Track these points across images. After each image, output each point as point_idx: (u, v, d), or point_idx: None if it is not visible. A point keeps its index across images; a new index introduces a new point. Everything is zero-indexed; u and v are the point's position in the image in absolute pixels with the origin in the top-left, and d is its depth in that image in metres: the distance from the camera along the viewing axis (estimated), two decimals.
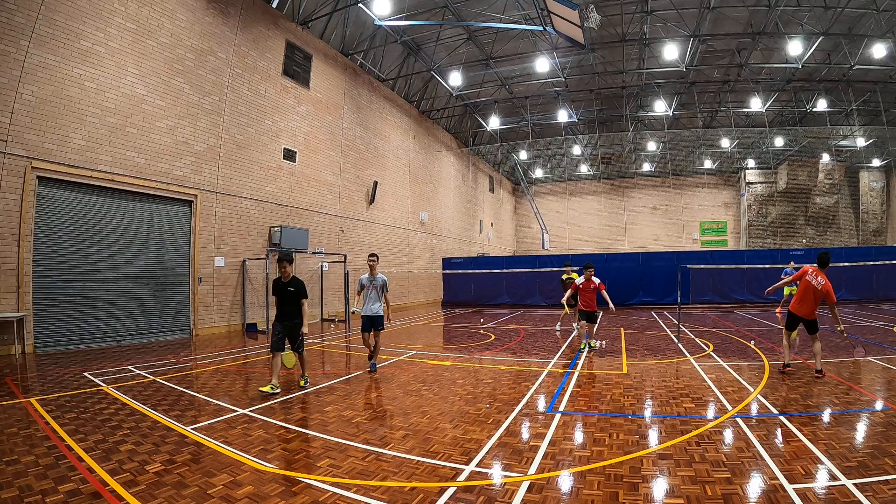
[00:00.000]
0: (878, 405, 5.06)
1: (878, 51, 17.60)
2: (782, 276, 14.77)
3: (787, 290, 14.82)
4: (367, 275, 7.34)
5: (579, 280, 8.72)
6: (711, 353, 8.45)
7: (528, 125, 26.97)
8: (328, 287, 16.03)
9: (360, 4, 15.25)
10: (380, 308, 7.30)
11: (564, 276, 12.34)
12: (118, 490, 3.20)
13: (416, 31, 18.49)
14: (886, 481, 3.16)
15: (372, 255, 7.46)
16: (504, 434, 4.40)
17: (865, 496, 2.95)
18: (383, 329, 7.46)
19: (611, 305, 8.84)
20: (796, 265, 14.11)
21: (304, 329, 6.15)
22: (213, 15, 12.00)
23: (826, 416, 4.74)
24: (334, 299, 16.28)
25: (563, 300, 10.65)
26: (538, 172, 38.44)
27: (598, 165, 36.17)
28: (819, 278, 6.38)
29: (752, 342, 9.62)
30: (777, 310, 15.66)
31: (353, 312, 7.66)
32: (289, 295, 6.12)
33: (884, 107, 23.09)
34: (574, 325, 11.70)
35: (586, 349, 8.67)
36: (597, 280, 8.66)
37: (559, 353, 8.90)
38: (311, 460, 3.80)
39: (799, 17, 17.07)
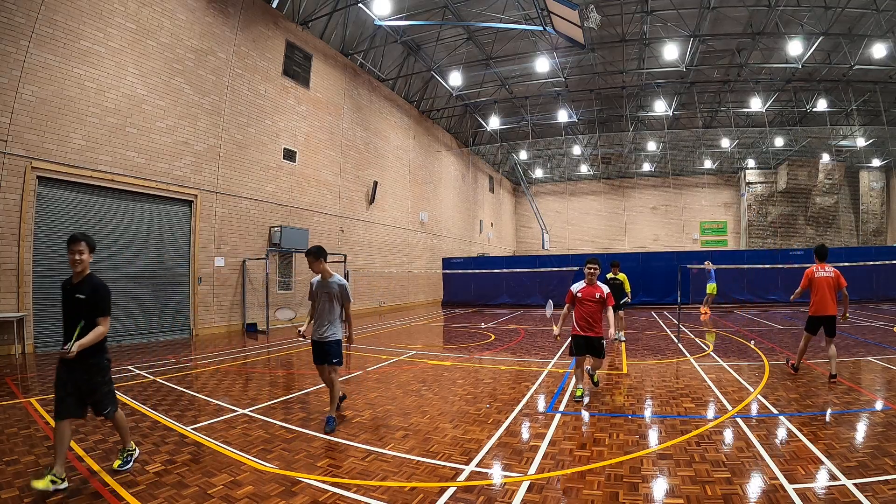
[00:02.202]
0: (878, 405, 5.05)
1: (878, 51, 17.60)
2: (708, 276, 15.22)
3: (709, 288, 15.38)
4: (317, 278, 4.93)
5: (577, 286, 5.78)
6: (711, 353, 8.45)
7: (528, 125, 26.96)
8: None
9: (360, 4, 15.25)
10: (336, 330, 4.86)
11: (610, 276, 10.12)
12: (118, 490, 3.20)
13: (416, 31, 18.49)
14: (886, 481, 3.16)
15: (312, 250, 4.79)
16: (504, 434, 4.40)
17: (865, 496, 2.95)
18: (340, 363, 4.89)
19: (612, 328, 5.62)
20: (713, 264, 14.32)
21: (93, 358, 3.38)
22: (213, 15, 12.00)
23: (826, 416, 4.74)
24: None
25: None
26: (538, 172, 38.45)
27: (598, 165, 36.16)
28: (826, 268, 6.24)
29: (752, 342, 9.62)
30: (701, 309, 15.55)
31: (300, 334, 5.07)
32: (76, 306, 3.41)
33: (884, 107, 23.09)
34: (617, 334, 9.83)
35: (581, 394, 5.55)
36: (604, 287, 5.73)
37: (559, 353, 8.90)
38: (311, 460, 3.80)
39: (799, 17, 17.07)
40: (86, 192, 9.47)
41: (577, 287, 5.81)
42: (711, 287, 15.38)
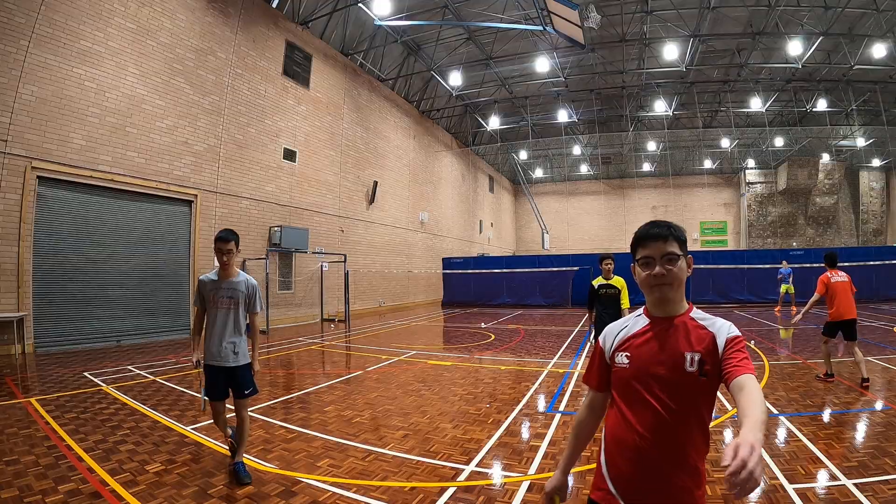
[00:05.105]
0: (878, 405, 5.05)
1: (878, 51, 17.59)
2: (778, 277, 15.47)
3: (783, 288, 15.47)
4: (212, 274, 3.63)
5: (617, 332, 1.48)
6: None
7: (528, 125, 26.96)
8: (328, 287, 16.02)
9: (360, 4, 15.25)
10: (242, 346, 3.62)
11: (598, 283, 6.08)
12: (118, 490, 3.20)
13: (416, 31, 18.48)
14: (886, 481, 3.16)
15: (222, 234, 3.46)
16: (504, 434, 4.40)
17: (865, 496, 2.95)
18: (253, 392, 3.67)
19: (740, 455, 0.99)
20: (790, 264, 14.49)
21: None
22: (213, 15, 12.00)
23: (826, 416, 4.74)
24: (334, 299, 16.28)
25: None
26: (538, 172, 38.43)
27: (598, 165, 36.16)
28: (840, 273, 6.27)
29: (752, 342, 9.61)
30: (776, 308, 15.78)
31: (196, 363, 3.70)
32: None
33: (884, 107, 23.07)
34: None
35: None
36: (720, 327, 1.35)
37: (559, 353, 8.90)
38: (311, 460, 3.81)
39: (799, 17, 17.07)
40: (86, 192, 9.47)
41: (618, 334, 1.50)
42: (784, 287, 15.49)
